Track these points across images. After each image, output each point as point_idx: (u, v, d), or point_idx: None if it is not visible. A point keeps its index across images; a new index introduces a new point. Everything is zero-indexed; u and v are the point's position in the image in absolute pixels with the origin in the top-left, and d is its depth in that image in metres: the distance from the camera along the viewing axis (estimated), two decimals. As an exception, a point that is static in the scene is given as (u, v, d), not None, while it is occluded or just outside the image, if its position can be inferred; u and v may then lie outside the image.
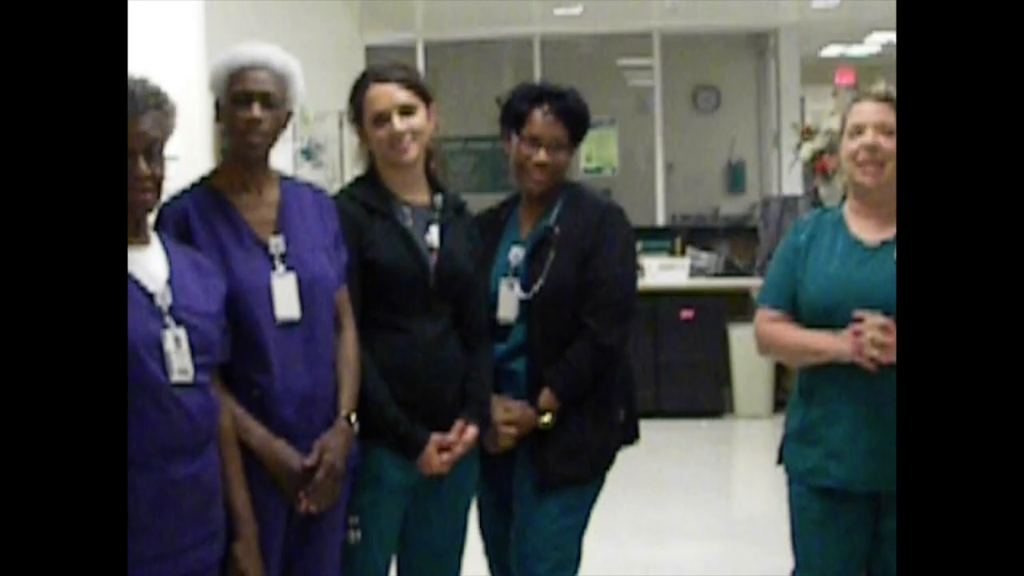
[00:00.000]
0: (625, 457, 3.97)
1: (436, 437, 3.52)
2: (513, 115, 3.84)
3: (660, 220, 11.87)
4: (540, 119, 3.81)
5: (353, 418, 3.35)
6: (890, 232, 3.55)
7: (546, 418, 3.73)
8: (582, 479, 3.84)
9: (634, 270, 4.00)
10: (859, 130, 3.55)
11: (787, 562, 3.73)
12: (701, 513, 7.14)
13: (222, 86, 3.31)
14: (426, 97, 3.61)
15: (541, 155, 3.81)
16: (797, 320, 3.60)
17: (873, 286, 3.46)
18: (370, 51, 11.04)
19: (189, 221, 3.23)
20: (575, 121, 3.87)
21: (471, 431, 3.58)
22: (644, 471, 7.67)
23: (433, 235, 3.60)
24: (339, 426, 3.32)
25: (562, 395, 3.74)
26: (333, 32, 9.98)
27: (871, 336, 3.36)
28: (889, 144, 3.50)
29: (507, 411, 3.74)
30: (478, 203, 4.02)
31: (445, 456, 3.53)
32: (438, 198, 3.66)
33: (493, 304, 3.79)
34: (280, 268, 3.27)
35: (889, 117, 3.52)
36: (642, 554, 6.29)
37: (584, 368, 3.77)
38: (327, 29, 9.63)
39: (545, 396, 3.74)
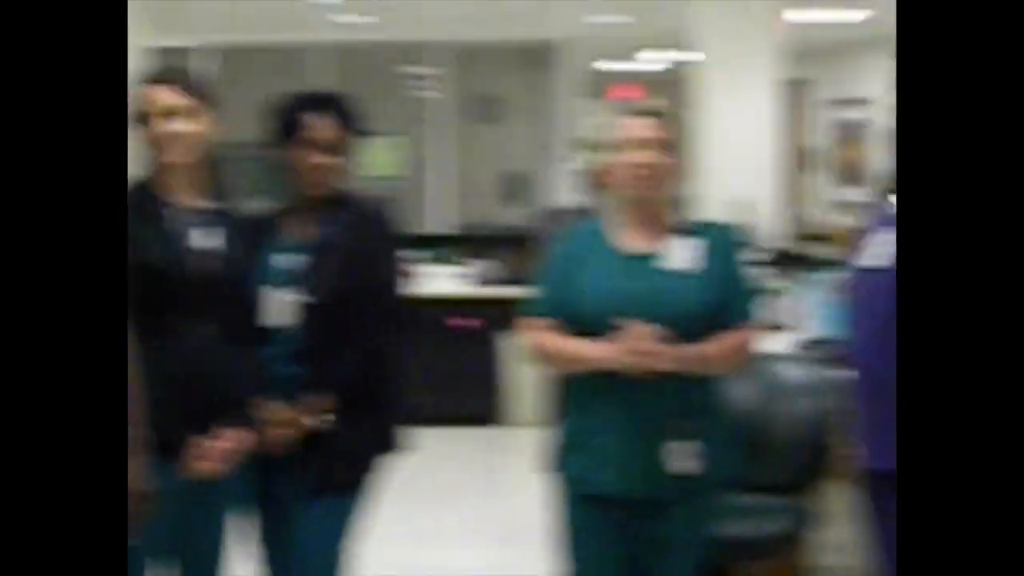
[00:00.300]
0: (399, 464, 3.97)
1: (198, 441, 3.49)
2: (286, 123, 3.82)
3: (439, 228, 11.92)
4: (317, 123, 3.81)
5: None
6: (654, 243, 3.61)
7: (323, 420, 3.72)
8: (356, 483, 3.85)
9: (405, 277, 4.03)
10: (628, 145, 3.60)
11: (554, 567, 3.76)
12: (471, 519, 7.17)
13: None
14: (203, 102, 3.60)
15: (319, 158, 3.79)
16: (567, 329, 3.62)
17: (636, 295, 3.52)
18: (166, 54, 10.83)
19: None
20: (350, 125, 3.88)
21: (235, 435, 3.56)
22: (415, 477, 7.66)
23: (202, 238, 3.57)
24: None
25: (339, 397, 3.74)
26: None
27: (634, 343, 3.41)
28: (656, 160, 3.57)
29: (281, 414, 3.71)
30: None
31: (208, 462, 3.51)
32: (209, 202, 3.64)
33: (266, 310, 3.75)
34: None
35: (658, 132, 3.59)
36: (411, 559, 6.28)
37: (361, 372, 3.80)
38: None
39: (323, 399, 3.73)
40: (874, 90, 12.45)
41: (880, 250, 3.28)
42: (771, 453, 4.38)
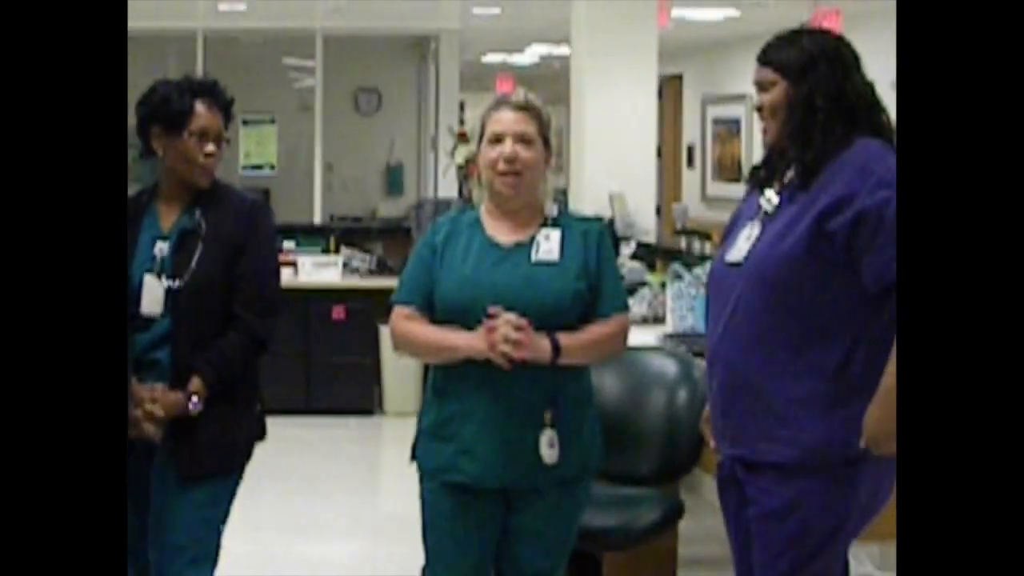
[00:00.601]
0: (273, 453, 3.96)
1: None
2: (174, 112, 3.79)
3: (317, 219, 11.85)
4: (205, 112, 3.80)
5: None
6: (524, 234, 3.65)
7: (195, 404, 3.70)
8: (225, 471, 3.84)
9: (279, 265, 4.04)
10: (498, 139, 3.61)
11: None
12: (348, 510, 7.17)
13: None
14: None
15: (211, 147, 3.81)
16: (432, 318, 3.65)
17: (506, 286, 3.54)
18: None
19: None
20: (229, 111, 3.90)
21: None
22: (291, 467, 7.66)
23: None
24: None
25: (212, 383, 3.73)
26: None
27: (503, 332, 3.43)
28: (527, 153, 3.59)
29: (152, 395, 3.68)
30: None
31: None
32: None
33: (136, 298, 3.73)
34: None
35: (528, 126, 3.61)
36: (286, 550, 6.27)
37: (236, 358, 3.78)
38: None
39: (195, 382, 3.71)
40: (748, 86, 12.61)
41: (743, 245, 3.33)
42: (641, 444, 4.43)
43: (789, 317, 3.21)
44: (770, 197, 3.33)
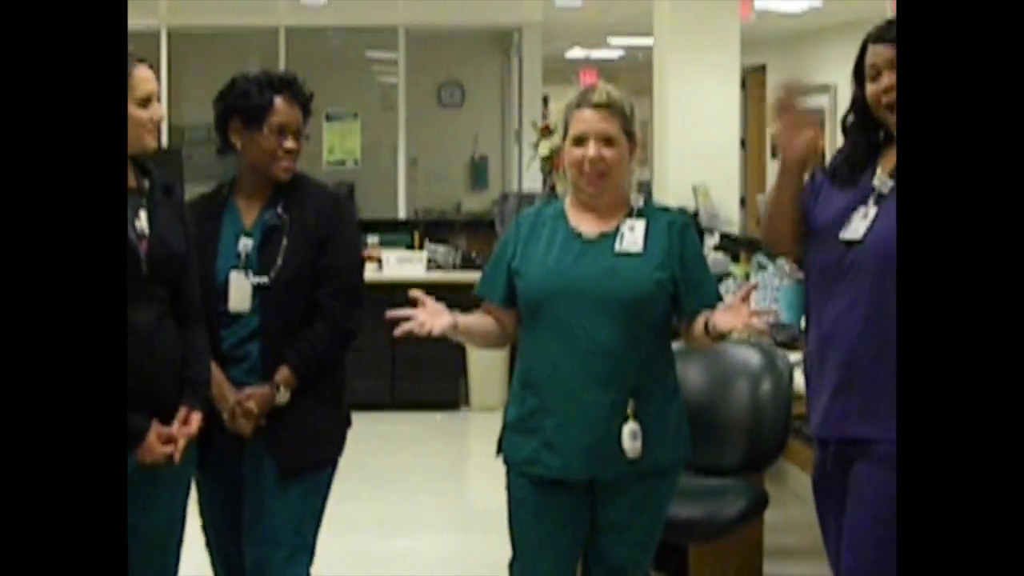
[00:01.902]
0: (359, 449, 3.99)
1: (157, 427, 3.42)
2: (254, 107, 3.80)
3: (402, 214, 11.90)
4: (284, 107, 3.82)
5: None
6: (608, 225, 3.65)
7: (283, 396, 3.73)
8: (322, 463, 3.87)
9: (363, 257, 4.06)
10: (581, 140, 3.60)
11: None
12: (436, 504, 7.20)
13: None
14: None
15: (290, 142, 3.82)
16: (516, 312, 3.70)
17: (588, 277, 3.56)
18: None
19: None
20: (308, 106, 3.91)
21: (195, 418, 3.48)
22: (378, 462, 7.71)
23: (142, 220, 3.46)
24: None
25: (301, 373, 3.75)
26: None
27: None
28: (610, 153, 3.58)
29: (248, 399, 3.71)
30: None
31: (168, 447, 3.42)
32: (145, 181, 3.52)
33: (223, 294, 3.76)
34: None
35: (611, 125, 3.59)
36: (376, 546, 6.31)
37: (324, 348, 3.81)
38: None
39: (283, 372, 3.74)
40: (832, 76, 12.53)
41: (859, 224, 3.26)
42: (725, 435, 4.44)
43: None
44: (883, 179, 3.27)
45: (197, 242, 3.65)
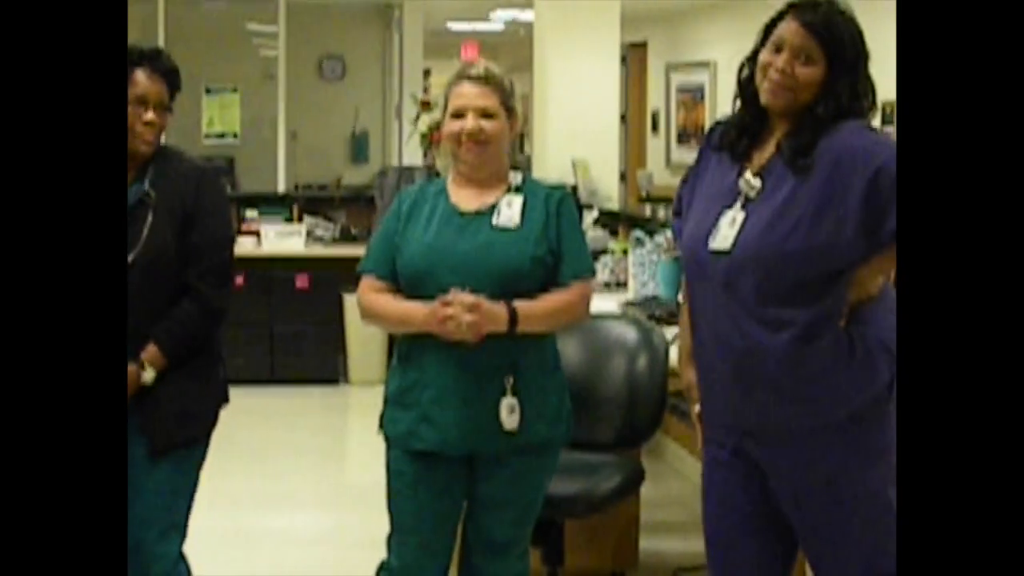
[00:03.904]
0: (237, 424, 3.96)
1: None
2: None
3: (281, 188, 11.81)
4: (145, 79, 3.74)
5: None
6: (487, 201, 3.67)
7: (149, 374, 3.69)
8: (193, 440, 3.83)
9: (234, 233, 4.00)
10: (460, 113, 3.64)
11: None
12: (314, 480, 7.18)
13: None
14: None
15: (150, 115, 3.74)
16: (398, 287, 3.68)
17: (465, 252, 3.57)
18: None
19: None
20: (174, 79, 3.83)
21: None
22: (256, 438, 7.66)
23: None
24: None
25: (169, 353, 3.71)
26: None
27: (457, 318, 3.44)
28: (489, 126, 3.62)
29: None
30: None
31: None
32: None
33: None
34: None
35: (489, 100, 3.63)
36: (252, 522, 6.28)
37: (194, 328, 3.77)
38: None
39: (149, 351, 3.69)
40: (712, 53, 12.63)
41: (727, 231, 3.24)
42: (601, 410, 4.45)
43: (799, 293, 3.13)
44: (750, 180, 3.27)
45: None
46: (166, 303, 3.74)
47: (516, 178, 3.74)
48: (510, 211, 3.65)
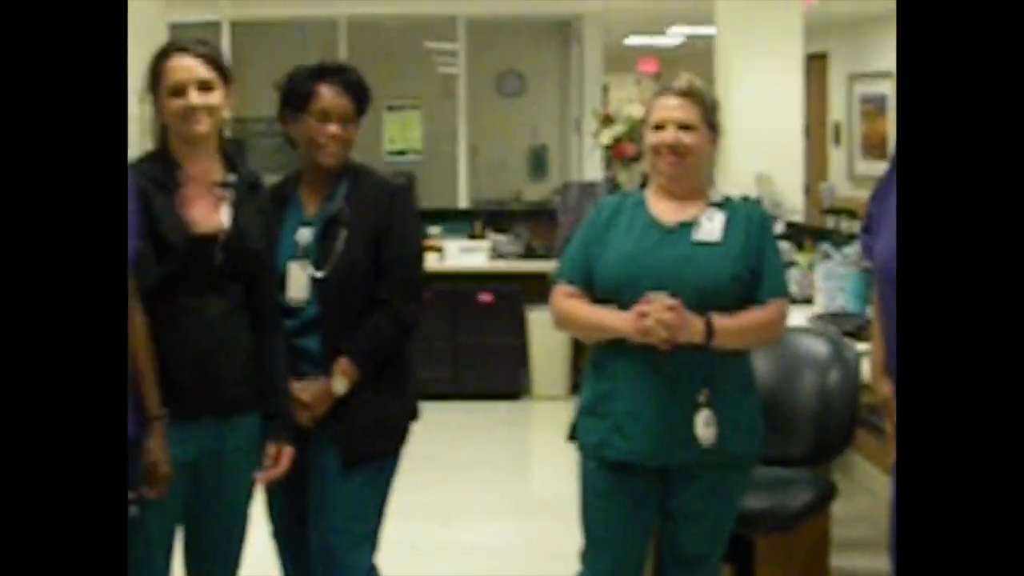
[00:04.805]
0: (422, 439, 3.99)
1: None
2: (299, 95, 3.83)
3: (463, 203, 11.89)
4: (328, 93, 3.82)
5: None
6: (687, 215, 3.66)
7: (340, 385, 3.74)
8: (384, 453, 3.88)
9: (422, 249, 4.06)
10: (661, 125, 3.66)
11: (581, 539, 3.80)
12: (497, 493, 7.20)
13: None
14: (225, 76, 3.56)
15: (334, 128, 3.81)
16: (593, 296, 3.67)
17: (665, 265, 3.57)
18: (175, 29, 10.83)
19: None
20: (360, 94, 3.89)
21: (285, 455, 3.63)
22: (440, 452, 7.70)
23: (224, 213, 3.52)
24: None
25: (362, 364, 3.76)
26: (136, 9, 9.74)
27: (656, 316, 3.45)
28: (689, 139, 3.63)
29: (303, 391, 3.73)
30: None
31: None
32: (231, 176, 3.59)
33: (280, 284, 3.76)
34: None
35: (690, 113, 3.65)
36: (437, 535, 6.32)
37: (385, 341, 3.82)
38: (131, 7, 9.39)
39: (342, 363, 3.74)
40: (894, 63, 12.41)
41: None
42: (793, 425, 4.39)
43: None
44: None
45: (267, 232, 3.67)
46: (359, 317, 3.79)
47: (716, 194, 3.75)
48: (711, 226, 3.65)
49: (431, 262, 9.37)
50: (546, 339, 9.33)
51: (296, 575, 4.05)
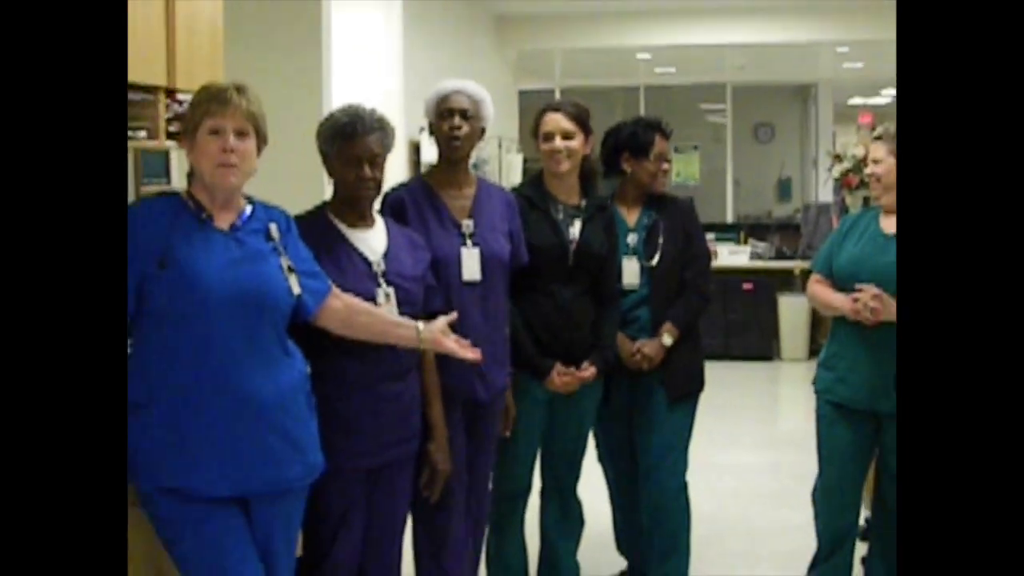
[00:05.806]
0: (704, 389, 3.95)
1: (559, 366, 3.50)
2: (641, 143, 3.81)
3: (729, 219, 11.81)
4: (662, 142, 3.83)
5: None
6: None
7: (668, 339, 3.73)
8: (694, 393, 3.87)
9: (708, 252, 4.02)
10: (870, 163, 3.60)
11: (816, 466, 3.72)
12: (754, 429, 7.07)
13: (433, 108, 3.30)
14: (584, 126, 3.56)
15: (667, 166, 3.87)
16: (834, 284, 3.61)
17: (882, 264, 3.45)
18: (521, 95, 11.05)
19: (404, 206, 3.22)
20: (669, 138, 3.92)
21: (591, 370, 3.56)
22: (714, 399, 7.57)
23: (575, 227, 3.56)
24: None
25: (681, 327, 3.76)
26: (495, 80, 9.94)
27: (864, 302, 3.39)
28: (880, 170, 3.53)
29: (645, 346, 3.72)
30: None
31: (567, 379, 3.51)
32: (584, 201, 3.61)
33: (617, 274, 3.74)
34: (468, 243, 3.25)
35: (887, 152, 3.51)
36: (718, 458, 6.23)
37: (695, 310, 3.82)
38: (491, 77, 9.59)
39: (667, 326, 3.74)
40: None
41: None
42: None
43: None
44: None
45: (611, 240, 3.68)
46: (674, 295, 3.79)
47: None
48: None
49: (705, 261, 9.28)
50: (792, 317, 9.19)
51: (617, 487, 4.06)
